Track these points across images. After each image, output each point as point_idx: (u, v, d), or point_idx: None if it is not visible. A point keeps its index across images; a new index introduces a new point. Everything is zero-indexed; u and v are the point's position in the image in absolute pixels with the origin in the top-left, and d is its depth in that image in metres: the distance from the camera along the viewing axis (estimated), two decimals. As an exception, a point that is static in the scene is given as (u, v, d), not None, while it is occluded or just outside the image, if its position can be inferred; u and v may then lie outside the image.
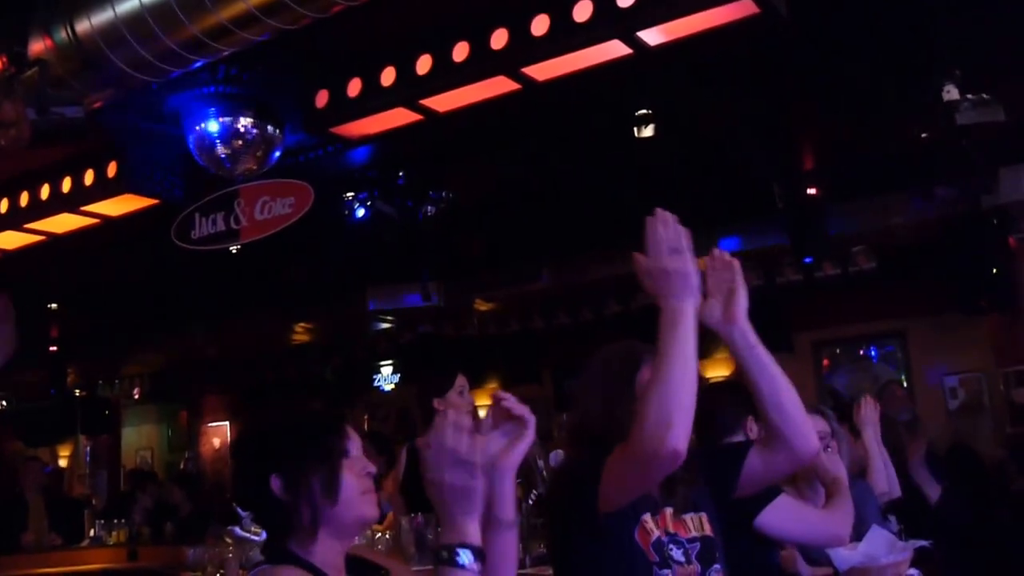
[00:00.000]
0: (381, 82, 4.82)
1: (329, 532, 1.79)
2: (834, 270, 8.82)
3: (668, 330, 2.04)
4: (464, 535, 1.65)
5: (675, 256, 2.03)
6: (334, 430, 1.83)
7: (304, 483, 1.77)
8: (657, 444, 1.98)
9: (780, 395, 2.23)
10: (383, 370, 12.66)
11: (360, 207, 6.49)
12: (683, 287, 2.04)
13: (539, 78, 4.58)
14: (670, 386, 2.00)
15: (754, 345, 2.23)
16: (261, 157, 5.35)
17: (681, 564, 2.22)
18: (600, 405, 2.30)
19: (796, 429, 2.25)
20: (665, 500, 2.27)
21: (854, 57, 5.21)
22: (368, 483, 1.83)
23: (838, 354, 11.29)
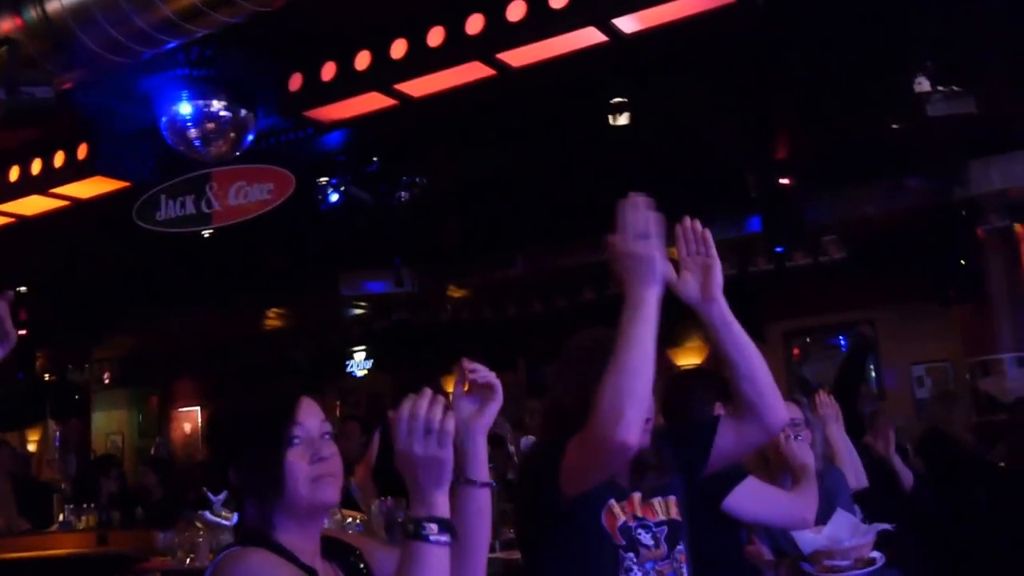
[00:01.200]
0: (355, 66, 4.79)
1: (287, 519, 1.76)
2: (805, 259, 8.90)
3: (629, 319, 2.03)
4: (432, 508, 1.63)
5: (641, 241, 2.02)
6: (279, 419, 1.78)
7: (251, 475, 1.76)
8: (608, 433, 1.97)
9: (754, 370, 2.24)
10: (356, 356, 12.64)
11: (333, 192, 6.45)
12: (647, 273, 2.02)
13: (514, 64, 4.58)
14: (625, 373, 1.99)
15: (731, 321, 2.23)
16: (234, 140, 5.31)
17: (649, 548, 2.23)
18: (572, 392, 2.29)
19: (768, 402, 2.26)
20: (633, 485, 2.27)
21: (828, 48, 5.24)
22: (321, 468, 1.77)
23: (808, 343, 11.39)
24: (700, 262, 2.20)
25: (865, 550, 2.94)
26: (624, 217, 2.04)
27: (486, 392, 1.87)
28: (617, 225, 2.03)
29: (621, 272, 2.05)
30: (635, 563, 2.19)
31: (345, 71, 4.83)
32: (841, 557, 2.92)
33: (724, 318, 2.22)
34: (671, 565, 2.24)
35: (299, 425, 1.78)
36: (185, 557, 5.17)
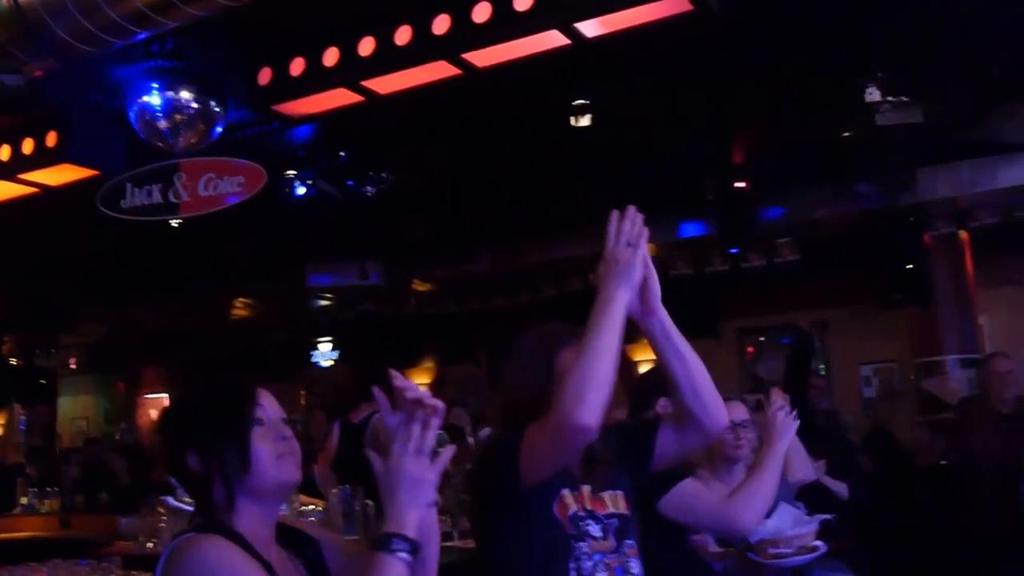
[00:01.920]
0: (324, 62, 4.77)
1: (250, 502, 1.78)
2: (759, 261, 8.99)
3: (599, 313, 2.10)
4: (404, 527, 1.66)
5: (628, 250, 2.13)
6: (242, 401, 1.81)
7: (216, 457, 1.76)
8: (569, 417, 2.02)
9: (695, 379, 2.27)
10: (321, 347, 12.59)
11: (301, 185, 6.43)
12: (625, 279, 2.12)
13: (479, 64, 4.58)
14: (591, 364, 2.05)
15: (671, 332, 2.26)
16: (203, 132, 5.26)
17: (597, 539, 2.24)
18: (523, 384, 2.32)
19: (708, 410, 2.30)
20: (584, 478, 2.29)
21: (783, 57, 5.30)
22: (284, 447, 1.80)
23: (762, 342, 11.52)
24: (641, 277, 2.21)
25: (808, 539, 2.99)
26: (619, 224, 2.14)
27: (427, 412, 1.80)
28: (608, 229, 2.14)
29: (602, 272, 2.14)
30: (585, 553, 2.21)
31: (314, 67, 4.81)
32: (785, 545, 2.97)
33: (665, 330, 2.24)
34: (619, 559, 2.26)
35: (261, 407, 1.81)
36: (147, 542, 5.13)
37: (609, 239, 2.13)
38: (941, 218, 8.33)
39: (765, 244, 8.85)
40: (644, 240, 2.15)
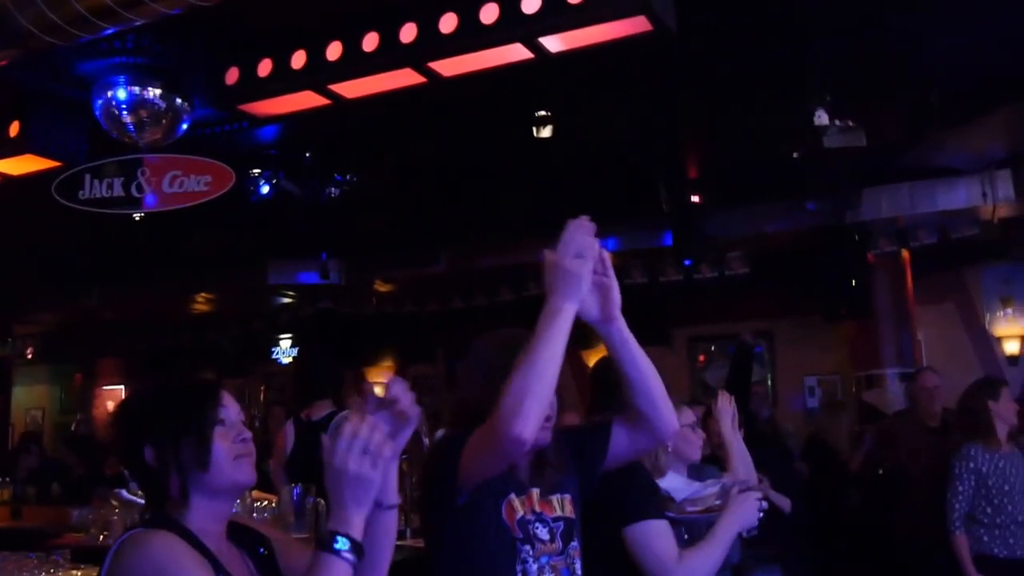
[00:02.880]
0: (291, 65, 4.73)
1: (203, 499, 1.77)
2: (711, 272, 9.11)
3: (545, 323, 2.07)
4: (349, 526, 1.66)
5: (578, 261, 2.08)
6: (206, 399, 1.81)
7: (174, 452, 1.75)
8: (506, 427, 2.00)
9: (649, 385, 2.30)
10: (282, 343, 12.51)
11: (265, 184, 6.38)
12: (573, 289, 2.08)
13: (445, 73, 4.58)
14: (531, 375, 2.03)
15: (628, 339, 2.28)
16: (167, 128, 5.20)
17: (544, 542, 2.26)
18: (478, 388, 2.32)
19: (660, 414, 2.33)
20: (533, 481, 2.31)
21: (737, 77, 5.39)
22: (242, 448, 1.81)
23: (712, 350, 11.63)
24: (599, 283, 2.21)
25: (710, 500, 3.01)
26: (570, 234, 2.08)
27: (402, 416, 1.85)
28: (560, 240, 2.08)
29: (549, 282, 2.09)
30: (531, 556, 2.22)
31: (281, 68, 4.77)
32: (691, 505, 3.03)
33: (622, 336, 2.26)
34: (564, 561, 2.28)
35: (225, 408, 1.82)
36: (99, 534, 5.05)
37: (559, 248, 2.08)
38: (884, 237, 8.52)
39: (717, 256, 8.96)
40: (594, 251, 2.10)
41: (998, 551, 4.58)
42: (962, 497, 4.65)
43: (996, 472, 4.62)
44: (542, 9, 4.08)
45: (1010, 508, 4.58)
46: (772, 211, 8.18)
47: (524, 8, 4.12)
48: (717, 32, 4.77)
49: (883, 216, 8.02)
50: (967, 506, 4.64)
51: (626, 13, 3.99)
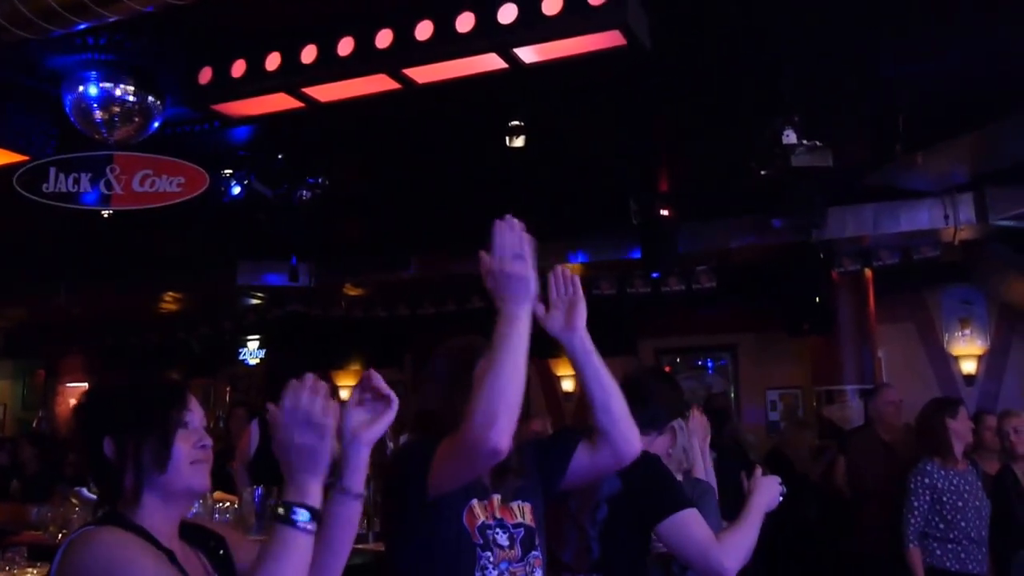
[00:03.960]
0: (266, 66, 4.68)
1: (156, 499, 1.74)
2: (679, 285, 9.14)
3: (505, 331, 2.04)
4: (304, 495, 1.64)
5: (517, 261, 2.03)
6: (173, 400, 1.79)
7: (134, 448, 1.73)
8: (481, 437, 1.98)
9: (610, 400, 2.29)
10: (249, 344, 12.40)
11: (236, 184, 6.32)
12: (521, 291, 2.04)
13: (419, 80, 4.56)
14: (499, 383, 2.00)
15: (590, 352, 2.27)
16: (139, 125, 5.13)
17: (504, 548, 2.24)
18: (440, 394, 2.31)
19: (621, 432, 2.31)
20: (495, 487, 2.30)
21: (708, 95, 5.43)
22: (201, 454, 1.79)
23: (678, 362, 11.69)
24: (567, 300, 2.24)
25: None
26: (501, 237, 2.04)
27: (381, 405, 1.85)
28: (492, 244, 2.03)
29: (495, 289, 2.05)
30: (491, 562, 2.20)
31: (255, 70, 4.72)
32: None
33: (584, 347, 2.25)
34: (524, 568, 2.26)
35: (190, 412, 1.80)
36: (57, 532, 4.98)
37: (494, 253, 2.04)
38: (847, 255, 8.60)
39: (685, 270, 9.00)
40: (530, 248, 2.05)
41: (950, 565, 4.63)
42: (917, 512, 4.69)
43: (951, 489, 4.67)
44: (518, 20, 4.08)
45: (963, 524, 4.63)
46: (740, 227, 8.25)
47: (500, 18, 4.12)
48: (690, 49, 4.80)
49: (848, 235, 8.11)
50: (922, 521, 4.69)
51: (601, 27, 4.00)
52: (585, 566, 2.94)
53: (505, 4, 4.10)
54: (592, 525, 2.93)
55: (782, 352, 10.06)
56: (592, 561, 2.93)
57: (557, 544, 2.97)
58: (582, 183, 7.14)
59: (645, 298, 9.42)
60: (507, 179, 6.87)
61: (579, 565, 2.95)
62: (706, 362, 11.58)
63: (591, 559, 2.93)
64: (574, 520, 2.97)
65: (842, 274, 8.72)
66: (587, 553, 2.93)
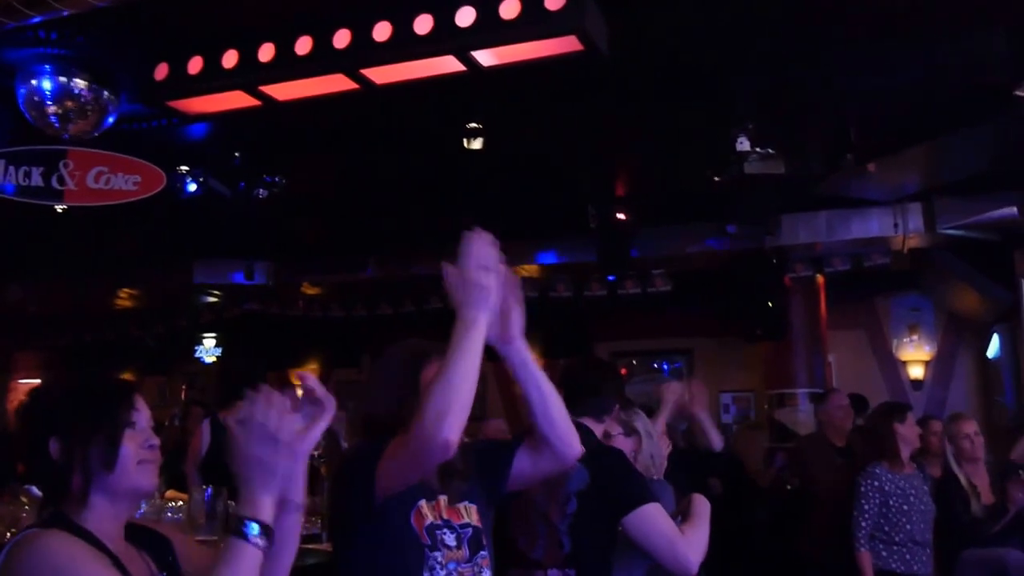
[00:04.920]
0: (223, 64, 4.62)
1: (103, 499, 1.72)
2: (635, 289, 9.20)
3: (460, 335, 2.09)
4: (258, 511, 1.63)
5: (482, 272, 2.10)
6: (121, 400, 1.77)
7: (81, 448, 1.70)
8: (432, 432, 2.01)
9: (549, 407, 2.30)
10: (205, 342, 12.27)
11: (192, 182, 6.24)
12: (482, 300, 2.10)
13: (377, 81, 4.54)
14: (452, 383, 2.04)
15: (527, 362, 2.28)
16: (93, 121, 5.04)
17: (451, 548, 2.25)
18: (387, 397, 2.31)
19: (562, 438, 2.33)
20: (441, 488, 2.30)
21: (664, 101, 5.47)
22: (148, 454, 1.77)
23: (634, 364, 11.77)
24: (503, 307, 2.22)
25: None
26: (469, 247, 2.11)
27: (316, 409, 1.82)
28: (460, 252, 2.10)
29: (456, 295, 2.12)
30: (439, 563, 2.21)
31: (212, 67, 4.66)
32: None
33: (522, 358, 2.27)
34: (472, 569, 2.26)
35: (137, 412, 1.78)
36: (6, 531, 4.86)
37: (461, 262, 2.11)
38: (800, 262, 8.72)
39: (641, 274, 9.06)
40: (496, 262, 2.13)
41: (896, 567, 4.69)
42: (867, 515, 4.74)
43: (898, 492, 4.73)
44: (476, 23, 4.08)
45: (909, 527, 4.69)
46: (695, 232, 8.32)
47: (458, 21, 4.11)
48: (647, 57, 4.82)
49: (800, 242, 8.21)
50: (871, 524, 4.74)
51: (558, 32, 4.01)
52: (556, 561, 2.99)
53: (463, 7, 4.10)
54: (562, 519, 2.99)
55: (736, 356, 10.16)
56: (563, 556, 2.98)
57: (527, 542, 3.03)
58: (539, 186, 7.15)
59: (601, 301, 9.47)
60: (465, 182, 6.87)
61: (550, 560, 3.00)
62: (662, 365, 11.68)
63: (562, 553, 2.98)
64: (543, 516, 3.01)
65: (795, 280, 8.84)
66: (558, 548, 2.98)
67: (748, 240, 8.01)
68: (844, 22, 4.55)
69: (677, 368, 11.54)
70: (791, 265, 8.68)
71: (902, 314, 10.36)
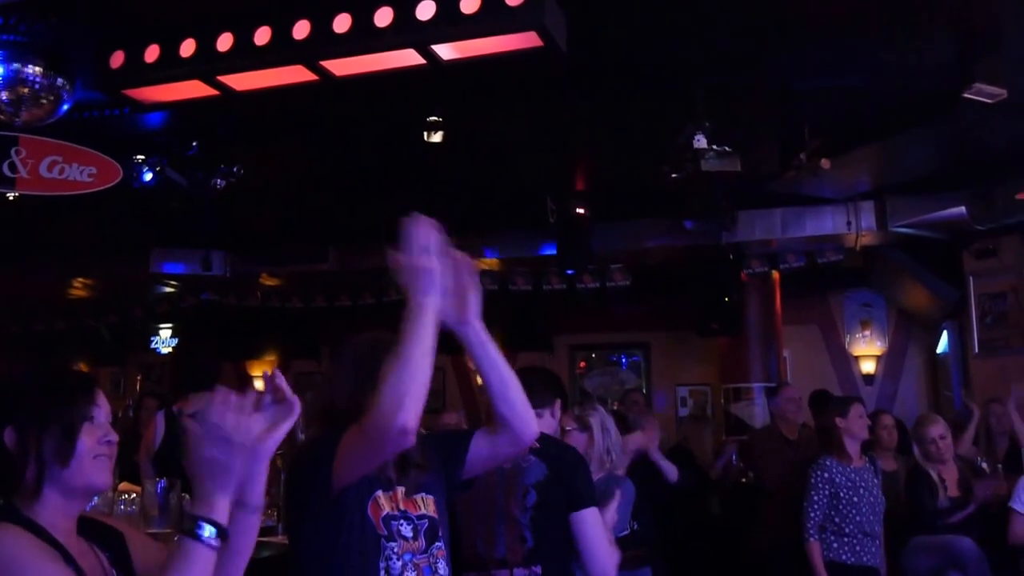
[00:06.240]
0: (180, 52, 4.56)
1: (57, 493, 1.70)
2: (593, 283, 9.25)
3: (411, 321, 2.09)
4: (211, 510, 1.62)
5: (424, 256, 2.10)
6: (81, 393, 1.75)
7: (36, 439, 1.68)
8: (389, 421, 2.01)
9: (507, 388, 2.32)
10: (161, 333, 12.10)
11: (149, 171, 6.16)
12: (428, 284, 2.10)
13: (337, 73, 4.50)
14: (407, 370, 2.04)
15: (485, 343, 2.29)
16: (47, 108, 4.95)
17: (408, 539, 2.26)
18: (345, 389, 2.31)
19: (520, 416, 2.35)
20: (398, 480, 2.31)
21: (622, 98, 5.51)
22: (105, 449, 1.75)
23: (593, 358, 11.85)
24: (460, 288, 2.24)
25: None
26: (408, 233, 2.10)
27: (282, 410, 1.81)
28: (401, 239, 2.09)
29: (404, 282, 2.11)
30: (395, 553, 2.22)
31: (169, 56, 4.59)
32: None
33: (479, 338, 2.28)
34: (428, 560, 2.28)
35: (97, 407, 1.76)
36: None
37: (403, 248, 2.10)
38: (756, 258, 8.84)
39: (599, 268, 9.12)
40: (438, 243, 2.13)
41: (846, 558, 4.77)
42: (817, 506, 4.82)
43: (848, 484, 4.82)
44: (436, 16, 4.07)
45: (859, 519, 4.78)
46: (653, 227, 8.40)
47: (418, 14, 4.10)
48: (606, 54, 4.86)
49: (756, 238, 8.34)
50: (821, 515, 4.82)
51: (518, 28, 4.02)
52: (520, 557, 3.02)
53: (423, 1, 4.09)
54: (523, 512, 3.02)
55: (692, 350, 10.27)
56: (527, 551, 3.01)
57: (486, 543, 3.05)
58: (499, 180, 7.16)
59: (560, 295, 9.51)
60: (426, 174, 6.86)
61: (514, 557, 3.02)
62: (620, 359, 11.77)
63: (525, 548, 3.01)
64: (503, 512, 3.04)
65: (751, 276, 8.96)
66: (521, 543, 3.02)
67: (705, 236, 8.10)
68: (799, 23, 4.62)
69: (635, 361, 11.64)
70: (747, 261, 8.80)
71: (855, 310, 10.55)
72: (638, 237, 8.54)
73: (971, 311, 8.06)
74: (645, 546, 4.11)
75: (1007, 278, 7.83)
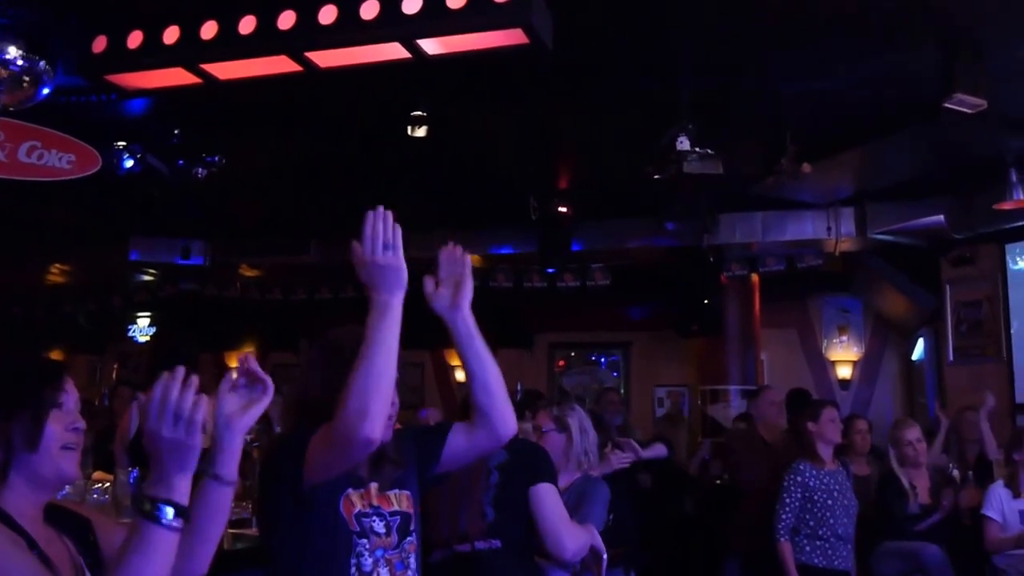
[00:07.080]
0: (163, 39, 4.51)
1: (24, 481, 1.68)
2: (574, 281, 9.26)
3: (376, 320, 2.04)
4: (171, 491, 1.59)
5: (387, 252, 2.03)
6: (50, 380, 1.72)
7: (4, 425, 1.66)
8: (353, 429, 1.97)
9: (490, 380, 2.32)
10: (139, 321, 12.01)
11: (130, 158, 6.10)
12: (393, 281, 2.04)
13: (322, 64, 4.47)
14: (371, 374, 2.00)
15: (473, 333, 2.28)
16: (27, 91, 4.89)
17: (380, 536, 2.25)
18: (320, 384, 2.28)
19: (500, 412, 2.34)
20: (372, 476, 2.30)
21: (607, 98, 5.51)
22: (74, 437, 1.72)
23: (572, 356, 11.85)
24: (454, 279, 2.25)
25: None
26: (369, 228, 2.03)
27: (257, 390, 1.81)
28: (362, 235, 2.02)
29: (367, 279, 2.05)
30: (367, 549, 2.21)
31: (152, 42, 4.54)
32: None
33: (468, 327, 2.27)
34: (399, 555, 2.27)
35: (66, 393, 1.73)
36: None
37: (365, 244, 2.02)
38: (736, 261, 8.88)
39: (580, 267, 9.13)
40: (400, 238, 2.04)
41: (818, 561, 4.81)
42: (789, 509, 4.85)
43: (822, 488, 4.85)
44: (422, 11, 4.05)
45: (831, 521, 4.81)
46: (635, 228, 8.42)
47: (404, 8, 4.08)
48: (592, 53, 4.86)
49: (737, 241, 8.37)
50: (793, 518, 4.85)
51: (504, 24, 4.01)
52: (480, 531, 3.09)
53: (410, -6, 4.08)
54: (485, 491, 3.11)
55: (672, 351, 10.30)
56: (487, 524, 3.09)
57: (449, 518, 3.13)
58: (482, 176, 7.15)
59: (541, 293, 9.52)
60: (408, 168, 6.84)
61: (474, 531, 3.09)
62: (599, 358, 11.79)
63: (486, 523, 3.09)
64: (467, 492, 3.12)
65: (730, 278, 9.00)
66: (481, 518, 3.09)
67: (686, 238, 8.12)
68: (784, 28, 4.64)
69: (615, 361, 11.66)
70: (727, 263, 8.84)
71: (832, 315, 10.62)
72: (620, 237, 8.56)
73: (947, 319, 8.13)
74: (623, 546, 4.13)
75: (983, 287, 7.90)
